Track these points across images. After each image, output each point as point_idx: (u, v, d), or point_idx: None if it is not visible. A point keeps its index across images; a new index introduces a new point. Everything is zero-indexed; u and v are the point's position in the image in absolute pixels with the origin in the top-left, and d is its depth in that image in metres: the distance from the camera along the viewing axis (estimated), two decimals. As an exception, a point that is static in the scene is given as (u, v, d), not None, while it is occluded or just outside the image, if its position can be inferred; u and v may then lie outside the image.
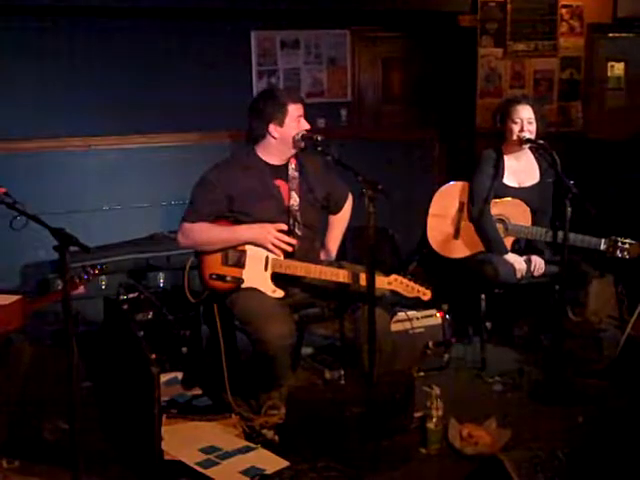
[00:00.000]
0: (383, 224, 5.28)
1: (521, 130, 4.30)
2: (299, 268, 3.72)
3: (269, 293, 3.71)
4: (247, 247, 3.73)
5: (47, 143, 5.35)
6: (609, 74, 6.73)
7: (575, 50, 6.60)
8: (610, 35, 6.69)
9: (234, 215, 3.74)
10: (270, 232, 3.67)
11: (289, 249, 3.71)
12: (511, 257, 4.32)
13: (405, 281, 3.64)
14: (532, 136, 4.29)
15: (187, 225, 3.72)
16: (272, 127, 3.71)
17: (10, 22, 5.13)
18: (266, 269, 3.74)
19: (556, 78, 6.55)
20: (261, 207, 3.73)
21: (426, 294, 3.67)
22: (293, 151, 3.78)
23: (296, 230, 3.78)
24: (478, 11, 6.26)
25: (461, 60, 6.39)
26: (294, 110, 3.72)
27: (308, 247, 3.84)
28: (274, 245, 3.67)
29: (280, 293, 3.73)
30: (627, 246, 4.17)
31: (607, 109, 6.74)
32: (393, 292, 3.70)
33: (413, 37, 6.48)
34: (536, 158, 4.50)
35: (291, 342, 3.60)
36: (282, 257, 3.71)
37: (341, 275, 3.69)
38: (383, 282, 3.61)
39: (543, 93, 6.49)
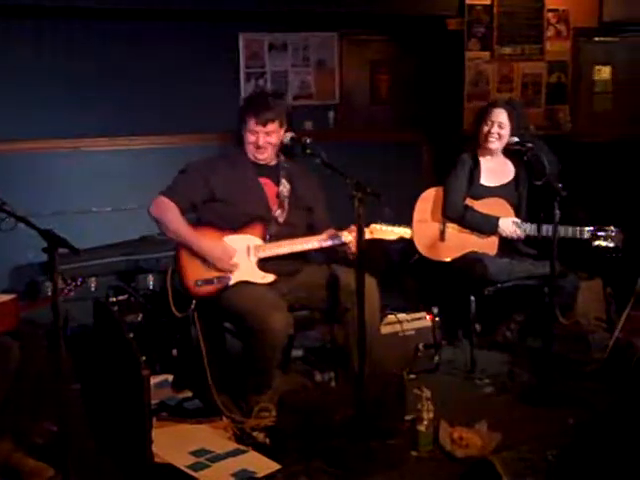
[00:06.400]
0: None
1: (489, 132, 4.41)
2: (282, 246, 3.79)
3: (259, 280, 3.75)
4: (225, 242, 3.78)
5: (36, 144, 5.32)
6: (596, 77, 6.80)
7: (562, 54, 6.65)
8: (596, 39, 6.75)
9: (219, 204, 3.81)
10: (227, 263, 3.72)
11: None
12: (503, 223, 4.38)
13: (384, 227, 3.75)
14: (500, 140, 4.41)
15: (164, 199, 3.78)
16: (243, 129, 3.85)
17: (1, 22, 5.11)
18: (249, 258, 3.77)
19: (544, 82, 6.59)
20: (243, 199, 3.81)
21: (407, 232, 3.80)
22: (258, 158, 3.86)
23: (272, 228, 3.83)
24: (465, 15, 6.28)
25: (449, 63, 6.41)
26: (250, 123, 3.80)
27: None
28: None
29: (270, 277, 3.77)
30: (610, 233, 4.22)
31: (594, 112, 6.79)
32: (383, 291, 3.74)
33: (401, 40, 6.49)
34: (507, 156, 4.58)
35: (290, 333, 3.67)
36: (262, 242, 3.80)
37: (325, 236, 3.80)
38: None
39: (531, 97, 6.53)
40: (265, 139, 3.80)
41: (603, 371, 4.21)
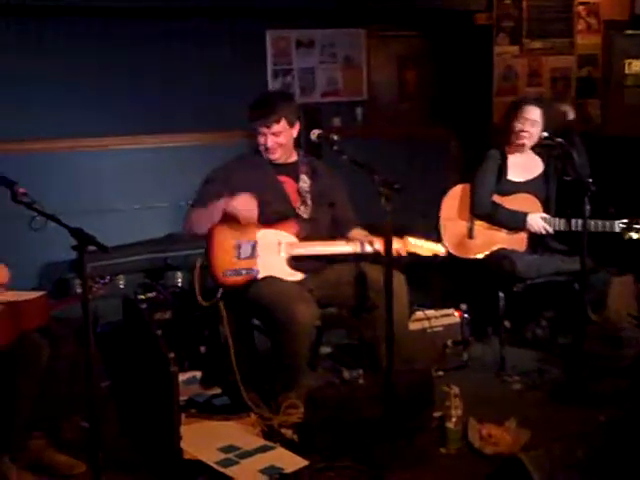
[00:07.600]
0: (399, 222, 5.27)
1: (521, 130, 4.39)
2: (313, 245, 3.79)
3: (287, 277, 3.75)
4: (257, 237, 3.79)
5: (64, 143, 5.35)
6: (627, 71, 6.68)
7: (592, 48, 6.56)
8: (627, 32, 6.65)
9: None
10: (246, 216, 3.69)
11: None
12: (532, 218, 4.35)
13: (418, 242, 3.78)
14: (531, 138, 4.40)
15: (189, 210, 3.86)
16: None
17: (24, 21, 5.14)
18: (280, 253, 3.78)
19: (573, 76, 6.52)
20: (266, 199, 3.80)
21: (441, 250, 3.85)
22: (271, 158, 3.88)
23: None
24: (494, 9, 6.24)
25: (477, 58, 6.37)
26: (256, 126, 3.84)
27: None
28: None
29: (298, 275, 3.78)
30: None
31: (625, 106, 6.70)
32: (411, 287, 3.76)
33: (429, 35, 6.46)
34: (536, 151, 4.56)
35: (317, 324, 3.66)
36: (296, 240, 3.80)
37: (358, 244, 3.80)
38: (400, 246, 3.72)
39: (560, 91, 6.47)
40: (273, 140, 3.82)
41: (635, 368, 4.16)
